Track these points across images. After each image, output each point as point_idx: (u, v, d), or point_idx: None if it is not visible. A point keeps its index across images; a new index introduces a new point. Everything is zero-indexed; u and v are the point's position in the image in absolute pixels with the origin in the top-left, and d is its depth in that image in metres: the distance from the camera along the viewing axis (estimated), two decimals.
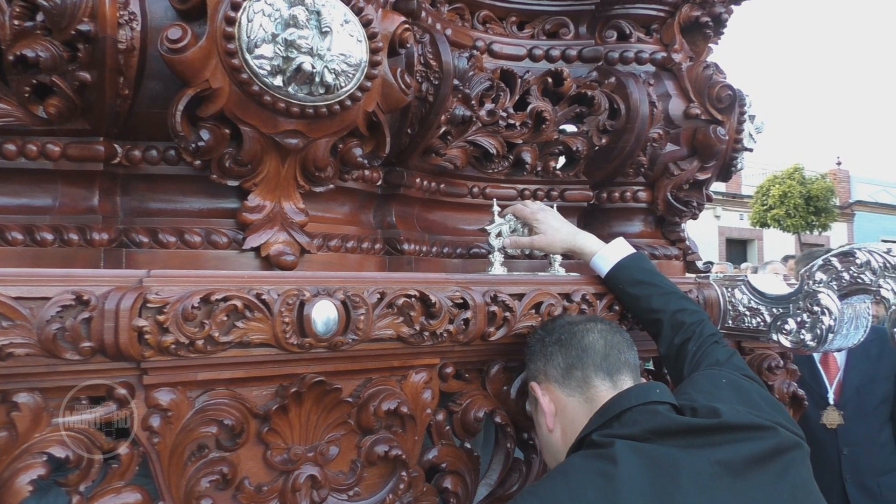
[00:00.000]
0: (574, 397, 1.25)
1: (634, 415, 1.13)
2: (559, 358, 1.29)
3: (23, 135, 1.25)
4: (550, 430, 1.27)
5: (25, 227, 1.24)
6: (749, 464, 1.04)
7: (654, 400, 1.15)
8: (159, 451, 1.09)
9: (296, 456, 1.22)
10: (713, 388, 1.22)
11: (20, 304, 0.96)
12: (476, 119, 1.71)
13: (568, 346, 1.29)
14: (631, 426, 1.10)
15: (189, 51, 1.14)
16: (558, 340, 1.31)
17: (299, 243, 1.37)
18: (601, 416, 1.17)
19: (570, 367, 1.27)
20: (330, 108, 1.25)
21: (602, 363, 1.26)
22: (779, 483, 1.05)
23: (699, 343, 1.38)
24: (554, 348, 1.30)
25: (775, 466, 1.06)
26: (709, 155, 1.86)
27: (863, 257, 1.44)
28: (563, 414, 1.26)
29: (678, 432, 1.07)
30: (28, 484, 0.98)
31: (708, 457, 1.03)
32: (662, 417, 1.10)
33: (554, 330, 1.34)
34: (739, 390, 1.22)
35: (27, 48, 1.14)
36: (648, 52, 1.90)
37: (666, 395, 1.17)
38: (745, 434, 1.08)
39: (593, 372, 1.25)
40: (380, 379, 1.30)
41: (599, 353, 1.27)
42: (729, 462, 1.03)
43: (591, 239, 1.59)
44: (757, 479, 1.04)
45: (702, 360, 1.35)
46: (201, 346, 1.07)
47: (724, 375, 1.26)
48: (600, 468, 1.02)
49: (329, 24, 1.20)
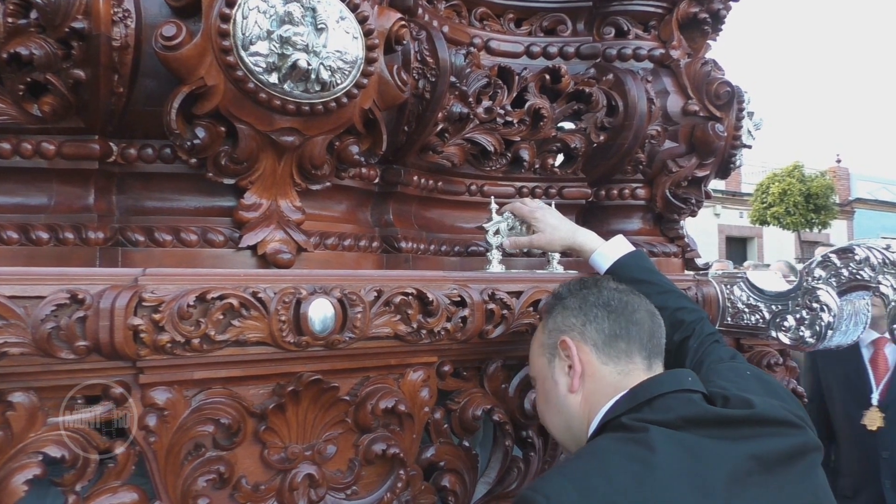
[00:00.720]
0: (608, 366, 1.19)
1: (668, 401, 1.09)
2: (605, 322, 1.21)
3: (17, 133, 1.24)
4: (573, 392, 1.20)
5: (20, 226, 1.23)
6: (780, 460, 1.03)
7: (687, 388, 1.12)
8: (156, 450, 1.08)
9: (293, 455, 1.21)
10: (738, 378, 1.19)
11: (14, 303, 0.96)
12: (473, 116, 1.71)
13: (619, 314, 1.22)
14: (664, 412, 1.07)
15: (184, 48, 1.13)
16: (607, 305, 1.23)
17: (296, 241, 1.36)
18: (631, 399, 1.12)
19: (616, 337, 1.20)
20: (326, 106, 1.25)
21: (647, 343, 1.21)
22: (804, 482, 1.03)
23: (700, 341, 1.37)
24: (601, 311, 1.23)
25: (801, 466, 1.05)
26: (707, 152, 1.86)
27: (862, 254, 1.44)
28: (591, 379, 1.20)
29: (713, 422, 1.05)
30: (23, 484, 0.97)
31: (744, 451, 1.01)
32: (697, 406, 1.08)
33: (601, 291, 1.26)
34: (764, 382, 1.20)
35: (21, 46, 1.14)
36: (646, 48, 1.89)
37: (697, 383, 1.15)
38: (778, 429, 1.06)
39: (637, 348, 1.20)
40: (377, 377, 1.30)
41: (646, 332, 1.22)
42: (763, 457, 1.01)
43: (590, 236, 1.58)
44: (785, 475, 1.02)
45: (704, 358, 1.33)
46: (197, 344, 1.07)
47: (748, 367, 1.24)
48: (636, 453, 0.98)
49: (325, 21, 1.20)
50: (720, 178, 2.03)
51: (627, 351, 1.20)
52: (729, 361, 1.30)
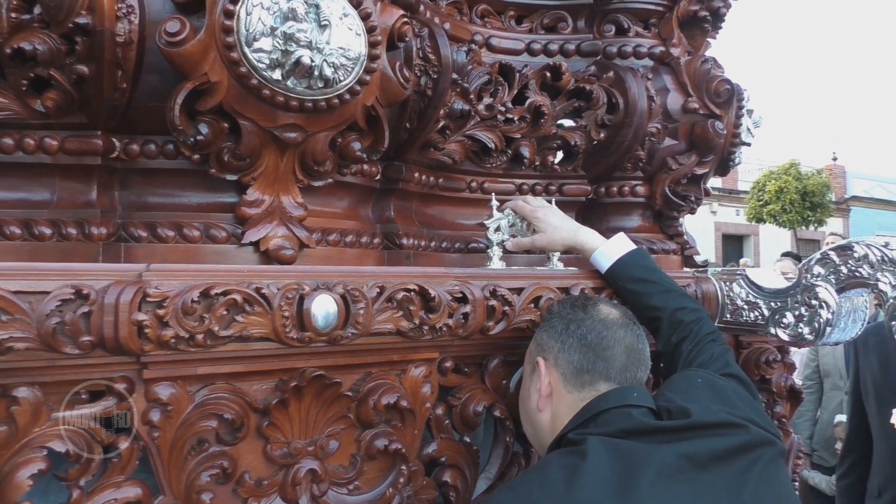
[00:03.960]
0: (573, 394, 1.25)
1: (610, 416, 1.16)
2: (576, 355, 1.25)
3: (20, 128, 1.24)
4: (539, 411, 1.27)
5: (23, 222, 1.23)
6: (715, 458, 1.08)
7: (630, 403, 1.18)
8: (159, 445, 1.09)
9: (296, 450, 1.22)
10: (689, 387, 1.24)
11: (19, 298, 0.96)
12: (474, 113, 1.71)
13: (590, 350, 1.25)
14: (605, 426, 1.14)
15: (187, 44, 1.14)
16: (583, 338, 1.26)
17: (298, 238, 1.37)
18: (580, 416, 1.20)
19: (582, 371, 1.25)
20: (329, 102, 1.25)
21: (616, 375, 1.24)
22: (743, 477, 1.07)
23: (695, 343, 1.39)
24: (575, 342, 1.26)
25: (741, 462, 1.09)
26: (707, 149, 1.86)
27: (860, 251, 1.45)
28: (556, 403, 1.26)
29: (648, 431, 1.11)
30: (28, 478, 0.98)
31: (674, 450, 1.07)
32: (635, 419, 1.14)
33: (583, 322, 1.28)
34: (714, 388, 1.24)
35: (24, 41, 1.14)
36: (647, 46, 1.89)
37: (644, 398, 1.20)
38: (714, 431, 1.11)
39: (603, 379, 1.24)
40: (379, 373, 1.30)
41: (617, 366, 1.25)
42: (694, 455, 1.07)
43: (591, 235, 1.59)
44: (721, 472, 1.07)
45: (694, 360, 1.37)
46: (201, 340, 1.07)
47: (700, 375, 1.28)
48: (571, 462, 1.05)
49: (328, 18, 1.20)
50: (719, 175, 2.03)
51: (592, 381, 1.25)
52: (710, 363, 1.34)
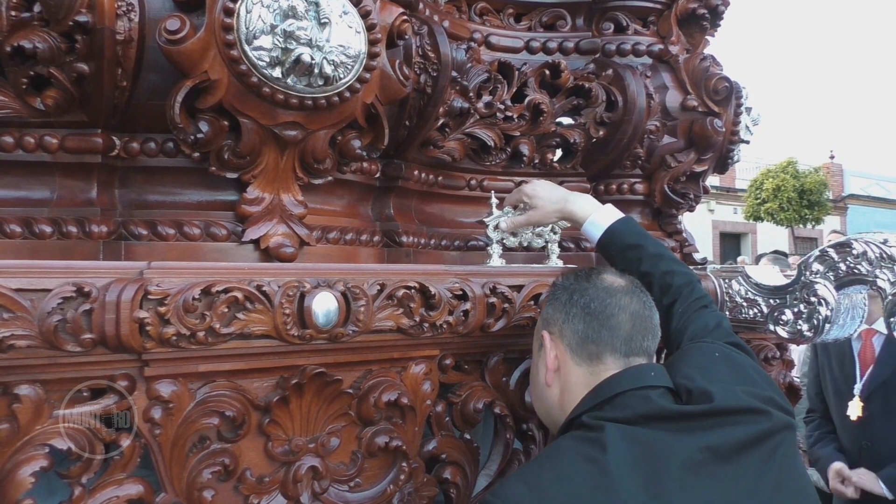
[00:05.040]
0: (581, 367, 1.21)
1: (627, 399, 1.12)
2: (580, 324, 1.22)
3: (20, 127, 1.25)
4: (548, 385, 1.25)
5: (23, 220, 1.23)
6: (739, 448, 1.05)
7: (647, 384, 1.14)
8: (161, 442, 1.09)
9: (297, 447, 1.22)
10: (707, 362, 1.20)
11: (21, 296, 0.96)
12: (474, 111, 1.71)
13: (593, 318, 1.22)
14: (622, 410, 1.10)
15: (187, 42, 1.14)
16: (586, 307, 1.23)
17: (298, 235, 1.37)
18: (594, 397, 1.16)
19: (587, 340, 1.21)
20: (329, 100, 1.25)
21: (621, 346, 1.21)
22: (766, 464, 1.05)
23: (685, 305, 1.36)
24: (578, 311, 1.23)
25: (764, 449, 1.07)
26: (706, 147, 1.87)
27: (859, 248, 1.45)
28: (564, 376, 1.23)
29: (668, 418, 1.08)
30: (30, 476, 0.98)
31: (698, 443, 1.04)
32: (653, 403, 1.10)
33: (587, 291, 1.25)
34: (732, 364, 1.20)
35: (24, 39, 1.14)
36: (645, 44, 1.90)
37: (661, 377, 1.16)
38: (738, 418, 1.08)
39: (609, 351, 1.21)
40: (380, 370, 1.31)
41: (622, 335, 1.21)
42: (719, 448, 1.04)
43: (580, 201, 1.56)
44: (746, 462, 1.04)
45: (688, 324, 1.33)
46: (202, 337, 1.07)
47: (717, 349, 1.24)
48: (589, 453, 1.02)
49: (328, 16, 1.20)
50: (718, 173, 2.04)
51: (598, 353, 1.21)
52: (714, 329, 1.30)
